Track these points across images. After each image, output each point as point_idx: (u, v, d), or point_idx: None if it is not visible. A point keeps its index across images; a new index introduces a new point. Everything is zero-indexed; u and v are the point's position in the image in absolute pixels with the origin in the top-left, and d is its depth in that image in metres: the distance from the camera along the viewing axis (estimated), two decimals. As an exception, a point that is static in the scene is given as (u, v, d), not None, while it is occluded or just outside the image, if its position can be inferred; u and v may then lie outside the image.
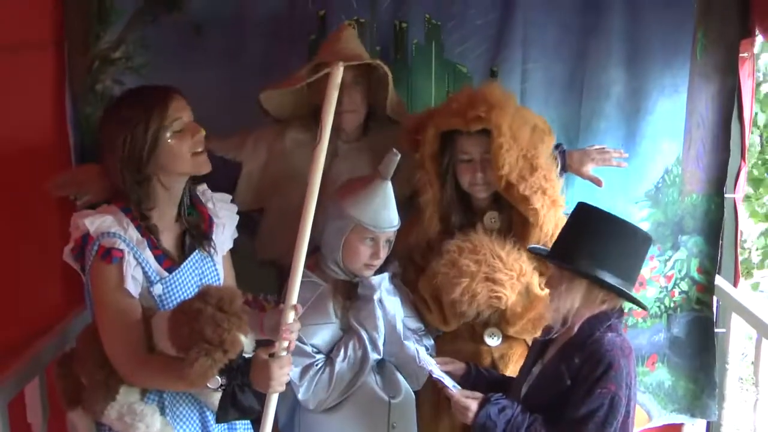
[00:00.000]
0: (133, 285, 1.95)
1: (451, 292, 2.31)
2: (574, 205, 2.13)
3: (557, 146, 2.59)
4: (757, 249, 5.12)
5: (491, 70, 2.89)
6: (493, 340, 2.42)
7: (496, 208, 2.46)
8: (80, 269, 2.01)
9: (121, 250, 1.92)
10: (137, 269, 1.96)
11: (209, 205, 2.17)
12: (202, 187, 2.17)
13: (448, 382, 2.16)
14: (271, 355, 1.94)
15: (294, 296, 1.98)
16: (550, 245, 2.20)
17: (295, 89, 2.50)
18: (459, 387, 2.16)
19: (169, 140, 1.97)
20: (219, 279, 2.16)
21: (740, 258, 3.41)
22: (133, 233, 1.97)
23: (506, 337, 2.43)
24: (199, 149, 2.02)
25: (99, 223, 1.95)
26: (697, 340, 3.14)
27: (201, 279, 2.09)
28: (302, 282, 2.00)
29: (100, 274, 1.94)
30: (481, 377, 2.28)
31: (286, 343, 1.96)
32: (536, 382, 2.08)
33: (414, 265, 2.50)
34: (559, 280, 2.03)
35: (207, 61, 2.79)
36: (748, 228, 4.98)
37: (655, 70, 2.91)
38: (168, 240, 2.06)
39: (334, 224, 2.29)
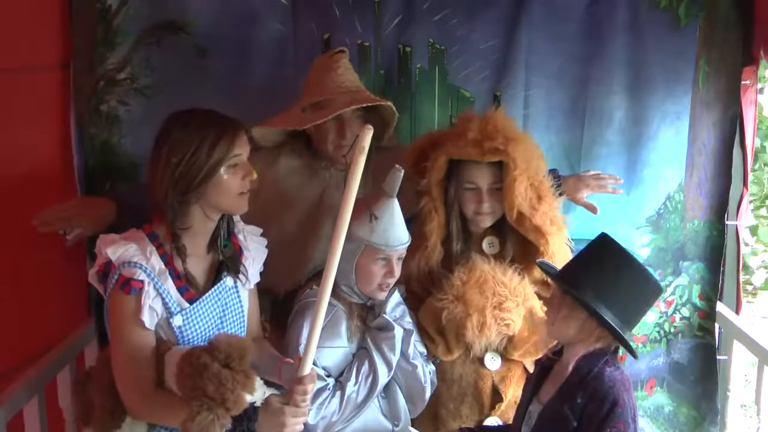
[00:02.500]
0: (149, 317, 1.92)
1: (461, 327, 2.30)
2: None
3: (552, 171, 2.58)
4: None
5: (494, 95, 2.90)
6: (493, 364, 2.41)
7: (494, 233, 2.45)
8: (103, 292, 1.99)
9: (141, 281, 1.90)
10: (156, 300, 1.93)
11: (240, 236, 2.14)
12: (236, 218, 2.14)
13: None
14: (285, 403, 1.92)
15: (313, 347, 1.95)
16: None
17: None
18: None
19: (224, 175, 1.95)
20: (243, 312, 2.14)
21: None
22: (156, 263, 1.95)
23: (505, 360, 2.41)
24: (246, 190, 2.01)
25: (122, 251, 1.92)
26: (699, 366, 3.14)
27: (224, 311, 2.08)
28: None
29: (118, 304, 1.93)
30: None
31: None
32: (538, 424, 2.02)
33: (412, 295, 2.47)
34: (559, 304, 1.98)
35: (211, 83, 2.80)
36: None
37: (658, 97, 2.93)
38: (195, 267, 2.03)
39: (343, 248, 2.27)
